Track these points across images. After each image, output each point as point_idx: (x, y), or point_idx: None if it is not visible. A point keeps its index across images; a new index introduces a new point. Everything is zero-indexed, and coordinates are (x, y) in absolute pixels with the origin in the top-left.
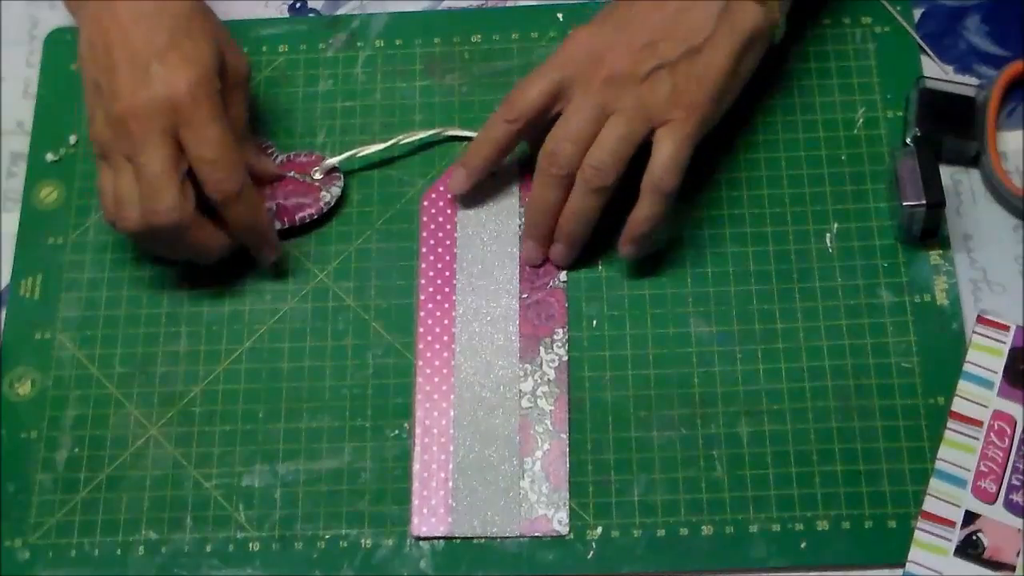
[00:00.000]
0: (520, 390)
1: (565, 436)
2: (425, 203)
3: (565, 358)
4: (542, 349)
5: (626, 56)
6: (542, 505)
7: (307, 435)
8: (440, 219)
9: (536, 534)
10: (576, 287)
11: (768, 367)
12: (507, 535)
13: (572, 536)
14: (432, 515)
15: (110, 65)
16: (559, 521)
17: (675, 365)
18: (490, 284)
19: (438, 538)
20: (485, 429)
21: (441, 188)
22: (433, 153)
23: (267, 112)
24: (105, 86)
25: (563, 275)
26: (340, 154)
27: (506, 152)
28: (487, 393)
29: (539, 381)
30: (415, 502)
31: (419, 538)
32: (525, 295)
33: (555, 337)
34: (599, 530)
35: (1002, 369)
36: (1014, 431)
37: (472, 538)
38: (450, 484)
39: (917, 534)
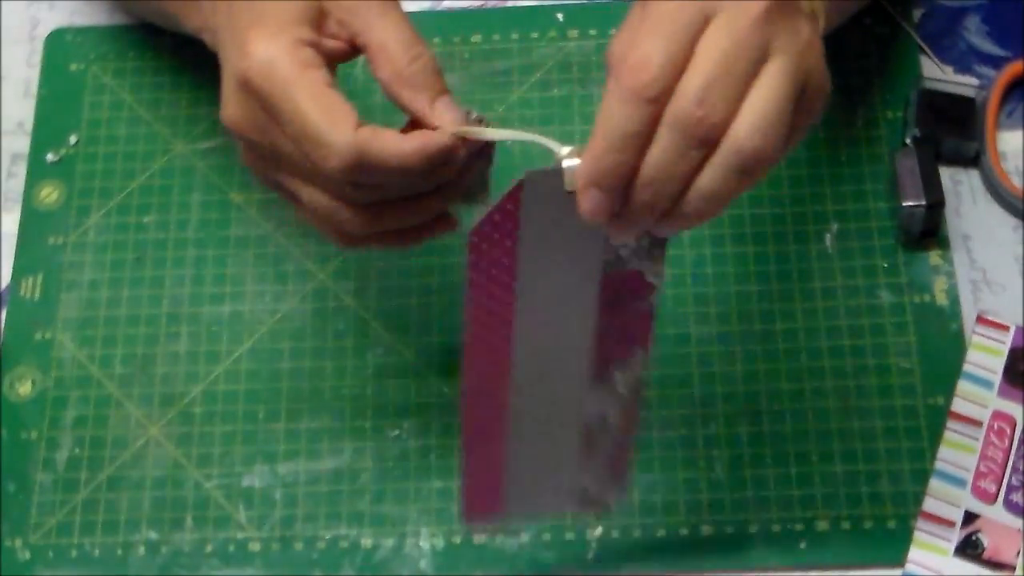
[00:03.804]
0: (587, 412)
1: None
2: (474, 238)
3: (643, 378)
4: (617, 371)
5: None
6: (603, 484)
7: (307, 435)
8: (495, 253)
9: (590, 510)
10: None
11: (768, 367)
12: (562, 509)
13: (572, 536)
14: (485, 503)
15: None
16: (617, 501)
17: (675, 365)
18: (558, 333)
19: (489, 522)
20: (544, 423)
21: (496, 218)
22: None
23: None
24: None
25: (656, 291)
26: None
27: (646, 147)
28: (545, 410)
29: (607, 400)
30: (465, 496)
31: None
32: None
33: (634, 357)
34: (599, 530)
35: (1002, 369)
36: (1014, 431)
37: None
38: (505, 459)
39: (917, 534)
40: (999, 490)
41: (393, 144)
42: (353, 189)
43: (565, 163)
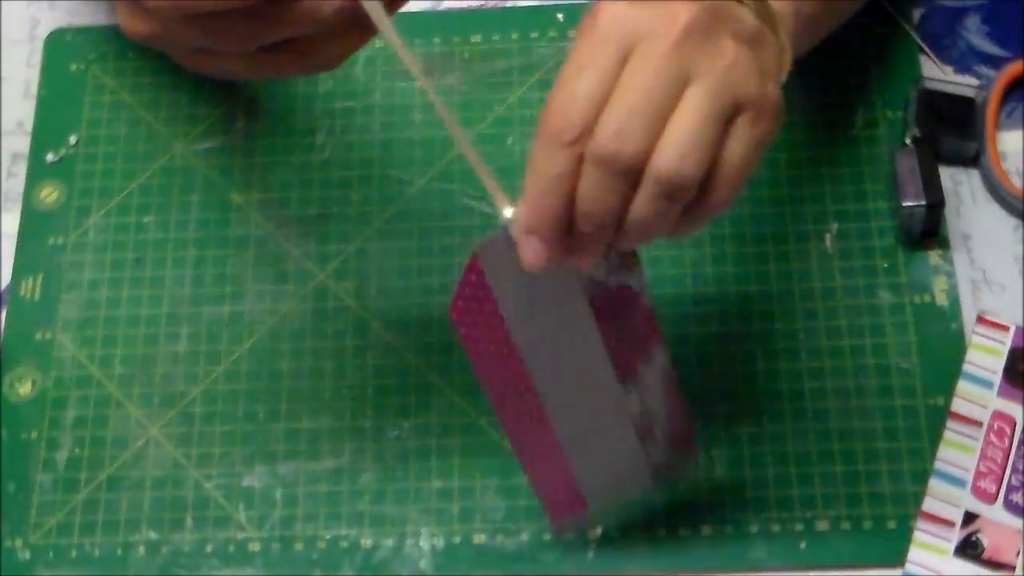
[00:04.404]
0: (632, 412)
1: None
2: (455, 315)
3: (669, 367)
4: (642, 369)
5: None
6: (670, 455)
7: (307, 435)
8: (480, 320)
9: (671, 479)
10: None
11: (768, 367)
12: (645, 492)
13: (572, 536)
14: (567, 508)
15: None
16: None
17: (675, 365)
18: (571, 361)
19: (578, 524)
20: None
21: (467, 291)
22: (433, 153)
23: (267, 112)
24: None
25: (644, 293)
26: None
27: (574, 187)
28: (591, 424)
29: (643, 392)
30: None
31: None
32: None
33: (654, 354)
34: (599, 530)
35: (1002, 369)
36: (1014, 431)
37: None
38: (574, 473)
39: (916, 534)
40: (999, 490)
41: None
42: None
43: (507, 215)
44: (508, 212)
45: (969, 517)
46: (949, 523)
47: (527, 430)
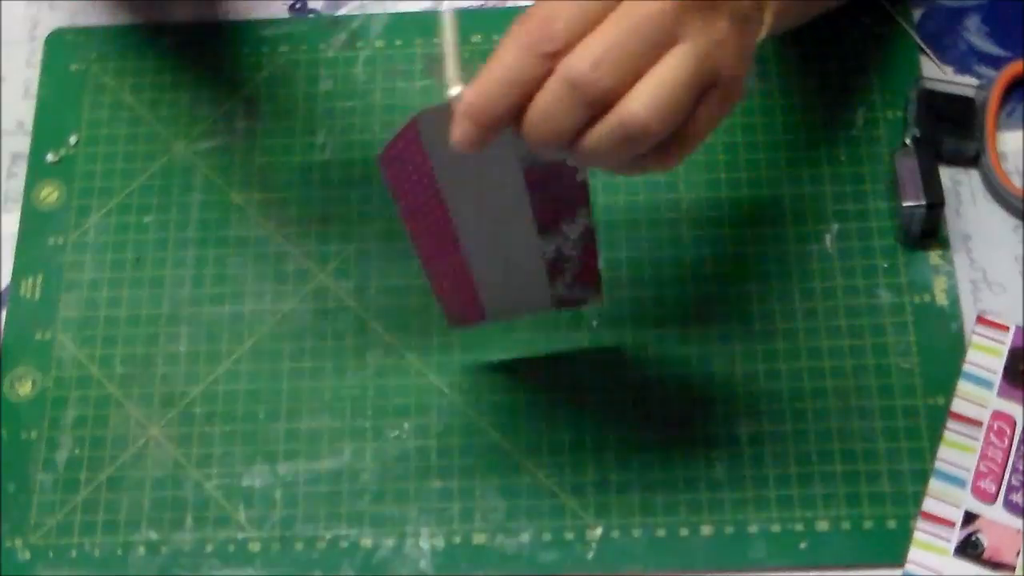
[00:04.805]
0: (545, 251)
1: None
2: (384, 161)
3: (591, 225)
4: (564, 226)
5: None
6: (575, 290)
7: (307, 435)
8: (409, 171)
9: (569, 308)
10: None
11: (768, 367)
12: (541, 310)
13: (572, 536)
14: (464, 314)
15: None
16: (593, 302)
17: (675, 365)
18: (493, 207)
19: (473, 327)
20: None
21: (400, 145)
22: None
23: (267, 112)
24: None
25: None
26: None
27: (530, 96)
28: (501, 254)
29: (562, 241)
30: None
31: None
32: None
33: (578, 214)
34: (599, 530)
35: (1002, 369)
36: (1014, 431)
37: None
38: (475, 289)
39: (917, 534)
40: (999, 490)
41: None
42: None
43: (452, 92)
44: (455, 90)
45: (969, 517)
46: (949, 523)
47: (437, 250)
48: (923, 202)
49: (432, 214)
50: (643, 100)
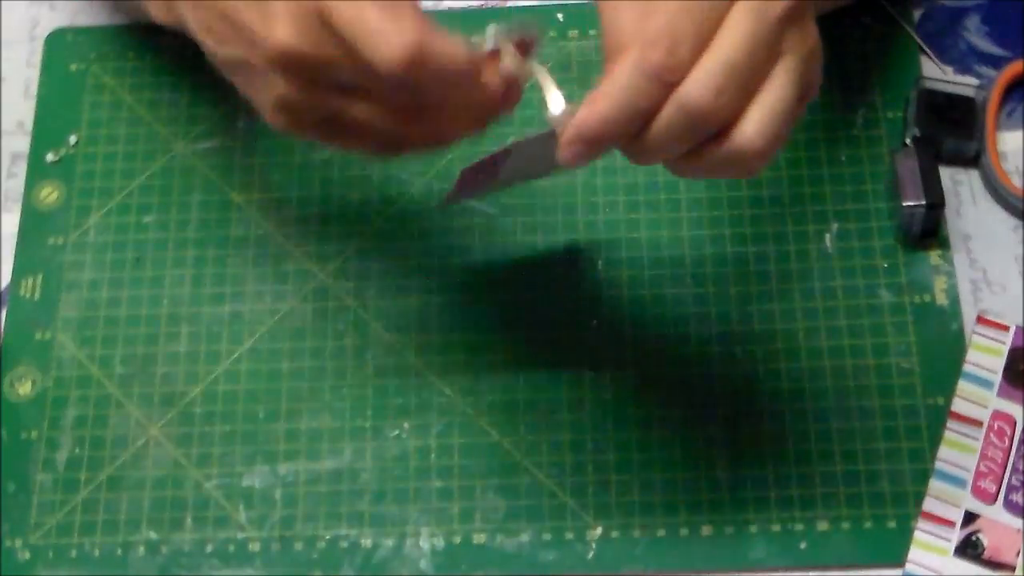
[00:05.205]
0: None
1: None
2: (465, 176)
3: None
4: None
5: None
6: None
7: (307, 435)
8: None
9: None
10: (575, 288)
11: (768, 367)
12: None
13: (572, 536)
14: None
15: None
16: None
17: (675, 365)
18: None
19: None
20: None
21: (486, 161)
22: (433, 154)
23: None
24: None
25: None
26: (340, 154)
27: (647, 121)
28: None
29: None
30: None
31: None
32: None
33: None
34: (599, 530)
35: (1002, 369)
36: (1014, 431)
37: (475, 540)
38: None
39: (917, 534)
40: (999, 490)
41: (451, 47)
42: (400, 91)
43: (555, 112)
44: (557, 110)
45: (969, 517)
46: (949, 523)
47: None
48: (923, 202)
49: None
50: (757, 128)
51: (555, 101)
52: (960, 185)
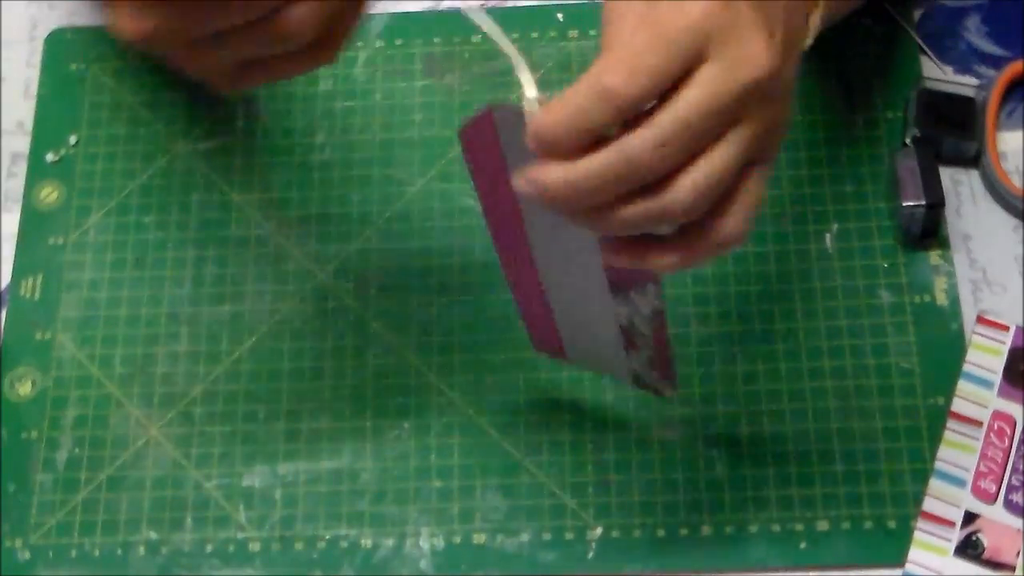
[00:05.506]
0: (617, 312)
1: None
2: (464, 139)
3: (660, 307)
4: (634, 294)
5: (764, 46)
6: (651, 373)
7: (307, 435)
8: (486, 160)
9: (644, 390)
10: None
11: (768, 367)
12: (620, 378)
13: (572, 536)
14: (545, 341)
15: None
16: (672, 390)
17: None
18: (568, 251)
19: (558, 359)
20: (582, 312)
21: (479, 126)
22: (433, 153)
23: (267, 112)
24: None
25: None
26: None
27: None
28: (579, 298)
29: (633, 311)
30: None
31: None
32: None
33: (647, 289)
34: (599, 530)
35: (1002, 369)
36: (1014, 431)
37: (474, 539)
38: (556, 324)
39: (917, 534)
40: (999, 490)
41: None
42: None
43: (530, 95)
44: (532, 93)
45: (969, 517)
46: (949, 523)
47: (517, 266)
48: (923, 202)
49: (508, 215)
50: (689, 187)
51: (529, 84)
52: (960, 185)
